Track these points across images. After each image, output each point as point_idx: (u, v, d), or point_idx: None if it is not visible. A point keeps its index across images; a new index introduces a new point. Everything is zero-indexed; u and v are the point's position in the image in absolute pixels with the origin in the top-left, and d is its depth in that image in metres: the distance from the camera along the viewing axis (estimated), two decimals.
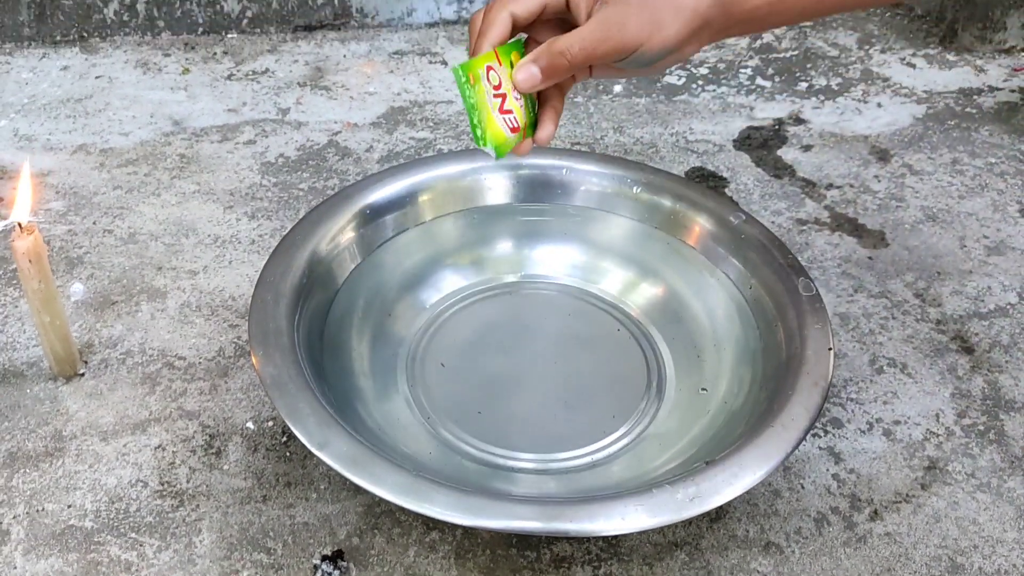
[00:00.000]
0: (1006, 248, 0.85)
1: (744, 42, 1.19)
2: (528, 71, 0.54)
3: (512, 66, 0.55)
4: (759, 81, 1.11)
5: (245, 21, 1.18)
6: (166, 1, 1.15)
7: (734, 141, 1.00)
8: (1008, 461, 0.66)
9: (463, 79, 0.53)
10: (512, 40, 0.55)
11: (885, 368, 0.73)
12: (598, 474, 0.62)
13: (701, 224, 0.72)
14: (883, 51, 1.18)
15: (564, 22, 0.55)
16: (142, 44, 1.16)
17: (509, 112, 0.55)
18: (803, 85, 1.11)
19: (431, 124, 1.02)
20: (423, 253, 0.74)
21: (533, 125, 0.57)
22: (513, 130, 0.56)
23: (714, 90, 1.09)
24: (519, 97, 0.55)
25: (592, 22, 0.52)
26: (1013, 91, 1.09)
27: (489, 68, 0.54)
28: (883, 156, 0.98)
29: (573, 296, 0.75)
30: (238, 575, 0.58)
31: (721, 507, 0.57)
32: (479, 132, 0.54)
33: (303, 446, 0.53)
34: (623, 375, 0.69)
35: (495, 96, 0.54)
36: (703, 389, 0.67)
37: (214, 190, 0.91)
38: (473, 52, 0.54)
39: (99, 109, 1.04)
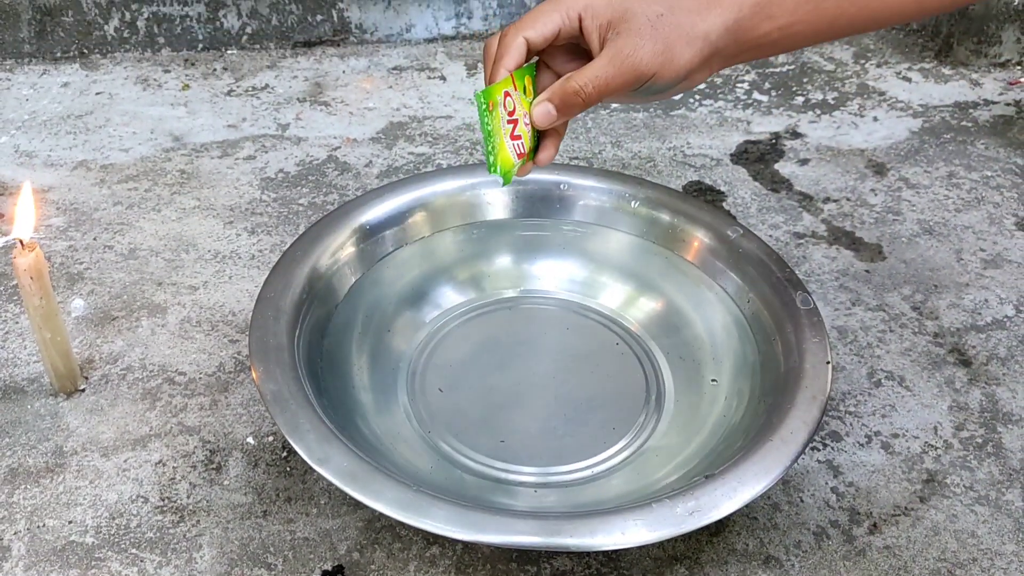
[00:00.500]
0: (1003, 261, 0.86)
1: None
2: (545, 109, 0.55)
3: (524, 91, 0.56)
4: (756, 95, 1.12)
5: (245, 37, 1.19)
6: (166, 18, 1.16)
7: (731, 155, 1.01)
8: (1006, 474, 0.66)
9: (483, 106, 0.54)
10: (525, 65, 0.55)
11: (883, 381, 0.73)
12: (598, 487, 0.62)
13: (699, 238, 0.73)
14: (879, 65, 1.18)
15: (577, 47, 0.56)
16: (142, 60, 1.17)
17: (519, 138, 0.56)
18: (800, 99, 1.11)
19: (430, 139, 1.03)
20: (422, 268, 0.75)
21: (535, 148, 0.58)
22: (520, 155, 0.57)
23: (711, 104, 1.10)
24: (528, 123, 0.56)
25: (604, 56, 0.52)
26: (1008, 105, 1.10)
27: (506, 94, 0.54)
28: (879, 170, 0.99)
29: (572, 311, 0.76)
30: None
31: (721, 521, 0.57)
32: (492, 159, 0.55)
33: (303, 461, 0.54)
34: (622, 389, 0.69)
35: (508, 122, 0.55)
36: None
37: (214, 206, 0.91)
38: (489, 78, 0.55)
39: (99, 125, 1.04)
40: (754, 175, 0.97)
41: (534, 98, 0.56)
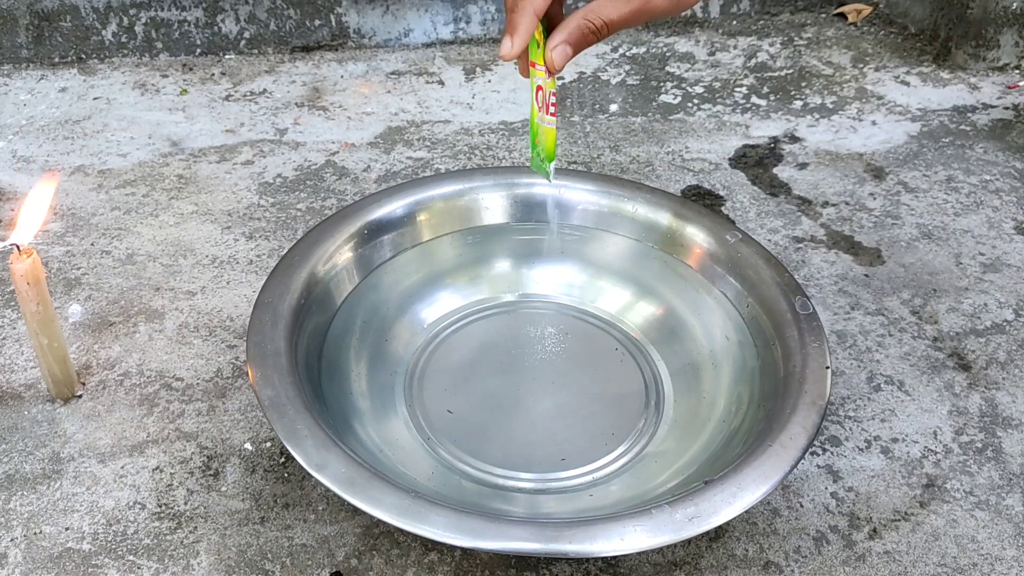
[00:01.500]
0: (1002, 265, 0.86)
1: (739, 61, 1.20)
2: (563, 51, 0.55)
3: (538, 44, 0.56)
4: (754, 100, 1.12)
5: (243, 42, 1.19)
6: (164, 23, 1.16)
7: (730, 159, 1.01)
8: (1006, 478, 0.66)
9: (541, 161, 0.56)
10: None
11: (883, 386, 0.73)
12: (597, 493, 0.62)
13: (698, 243, 0.72)
14: (877, 69, 1.18)
15: None
16: (140, 65, 1.17)
17: (549, 101, 0.57)
18: (798, 103, 1.11)
19: (428, 144, 1.03)
20: (421, 273, 0.75)
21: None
22: (554, 113, 0.58)
23: (710, 109, 1.10)
24: (548, 75, 0.57)
25: None
26: (1007, 108, 1.10)
27: (538, 88, 0.55)
28: (878, 174, 0.98)
29: (571, 315, 0.75)
30: None
31: (720, 526, 0.57)
32: (547, 168, 0.58)
33: (301, 467, 0.53)
34: (621, 394, 0.69)
35: (540, 108, 0.56)
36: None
37: (212, 211, 0.91)
38: (502, 50, 0.55)
39: (97, 130, 1.04)
40: (753, 179, 0.97)
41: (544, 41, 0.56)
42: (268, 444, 0.67)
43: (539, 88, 0.55)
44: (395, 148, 1.02)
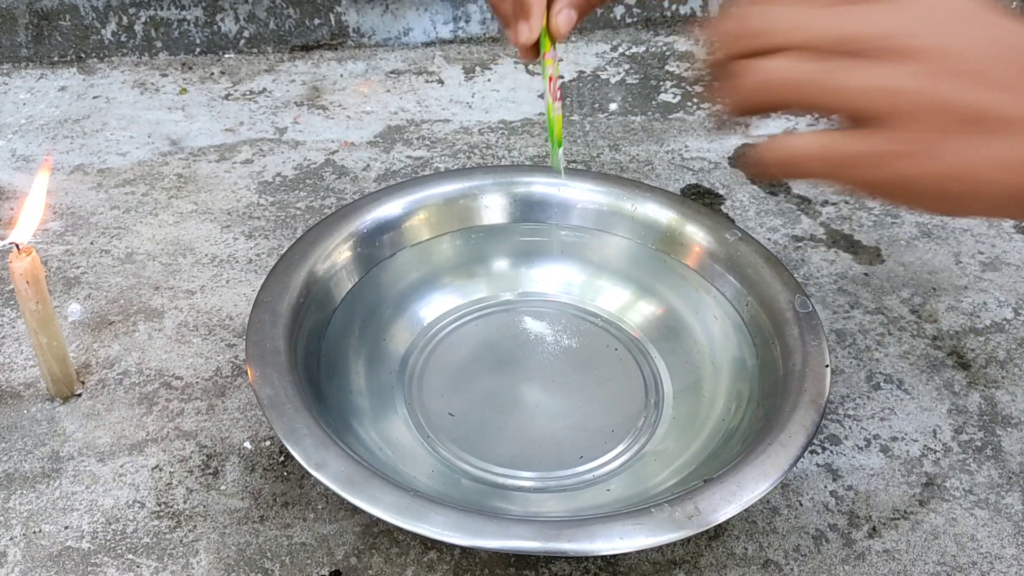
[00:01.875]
0: (1001, 264, 0.86)
1: None
2: (567, 16, 0.55)
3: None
4: None
5: (243, 41, 1.19)
6: (164, 22, 1.16)
7: (729, 158, 1.01)
8: (1006, 477, 0.66)
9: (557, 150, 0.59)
10: None
11: (882, 384, 0.73)
12: (597, 492, 0.62)
13: (697, 242, 0.72)
14: None
15: None
16: (139, 64, 1.16)
17: (556, 85, 0.58)
18: None
19: (428, 143, 1.03)
20: (420, 272, 0.75)
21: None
22: (560, 98, 0.59)
23: (709, 107, 1.10)
24: (553, 55, 0.57)
25: None
26: None
27: (551, 80, 0.56)
28: None
29: (570, 314, 0.76)
30: None
31: (719, 525, 0.57)
32: (558, 156, 0.61)
33: (300, 466, 0.53)
34: (621, 393, 0.69)
35: (550, 93, 0.57)
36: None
37: (211, 210, 0.91)
38: (520, 37, 0.55)
39: (96, 129, 1.04)
40: (752, 178, 0.97)
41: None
42: (267, 443, 0.67)
43: (551, 79, 0.56)
44: (394, 147, 1.02)
